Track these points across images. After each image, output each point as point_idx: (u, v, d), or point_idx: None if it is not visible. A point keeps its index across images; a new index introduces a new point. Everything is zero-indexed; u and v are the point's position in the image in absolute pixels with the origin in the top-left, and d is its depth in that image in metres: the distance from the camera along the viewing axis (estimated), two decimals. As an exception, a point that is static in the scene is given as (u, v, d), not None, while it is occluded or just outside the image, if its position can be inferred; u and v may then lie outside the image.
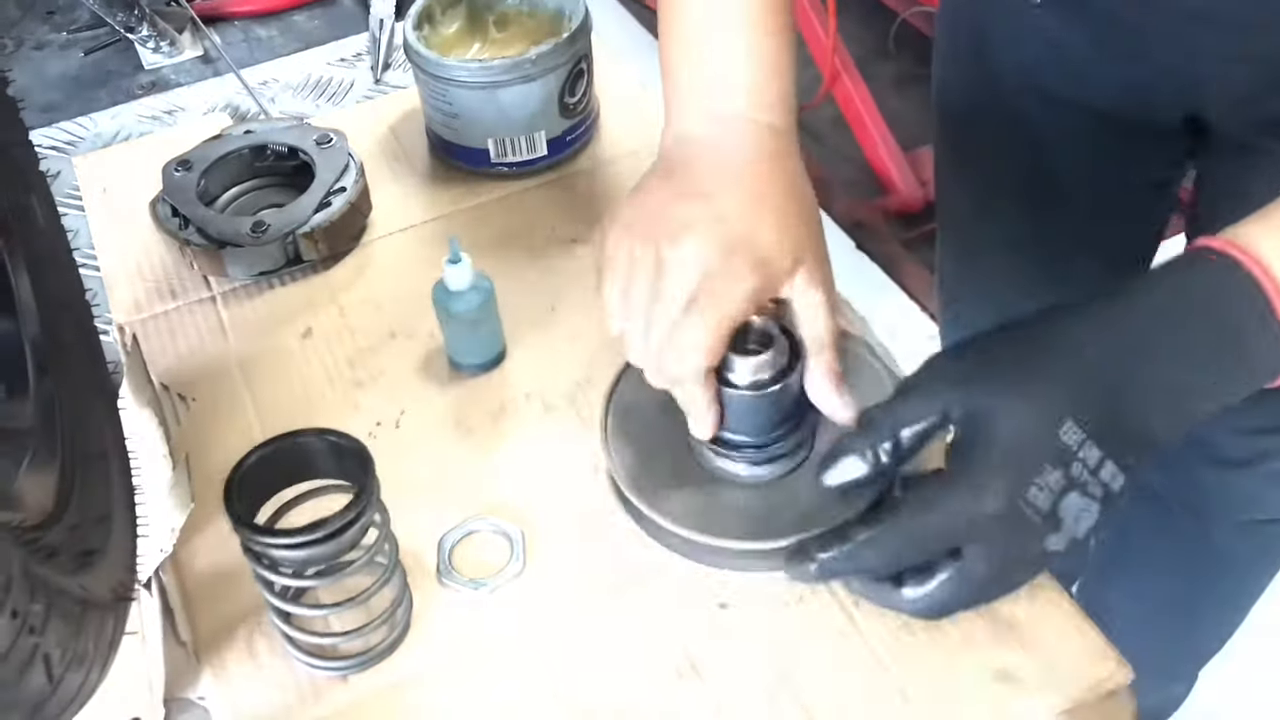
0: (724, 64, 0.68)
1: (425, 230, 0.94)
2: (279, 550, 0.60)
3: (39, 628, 0.48)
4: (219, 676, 0.67)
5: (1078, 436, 0.55)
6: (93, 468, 0.63)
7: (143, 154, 1.01)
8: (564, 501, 0.73)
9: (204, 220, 0.88)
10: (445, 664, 0.67)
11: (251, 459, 0.61)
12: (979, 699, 0.63)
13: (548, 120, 0.95)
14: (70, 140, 1.10)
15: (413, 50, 0.94)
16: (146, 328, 0.87)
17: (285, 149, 0.93)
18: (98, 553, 0.59)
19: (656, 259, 0.63)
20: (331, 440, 0.62)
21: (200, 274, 0.90)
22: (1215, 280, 0.55)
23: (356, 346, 0.85)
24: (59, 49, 1.21)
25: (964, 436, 0.58)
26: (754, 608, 0.67)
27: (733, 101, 0.67)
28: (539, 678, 0.65)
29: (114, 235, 0.95)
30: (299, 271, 0.90)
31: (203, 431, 0.80)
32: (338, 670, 0.66)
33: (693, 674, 0.65)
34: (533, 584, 0.70)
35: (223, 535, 0.72)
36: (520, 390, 0.81)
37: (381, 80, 1.13)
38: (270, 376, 0.83)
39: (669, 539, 0.69)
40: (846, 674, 0.64)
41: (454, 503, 0.73)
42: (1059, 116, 0.90)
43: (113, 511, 0.63)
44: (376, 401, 0.81)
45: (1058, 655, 0.64)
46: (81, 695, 0.54)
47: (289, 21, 1.23)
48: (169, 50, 1.18)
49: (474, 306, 0.78)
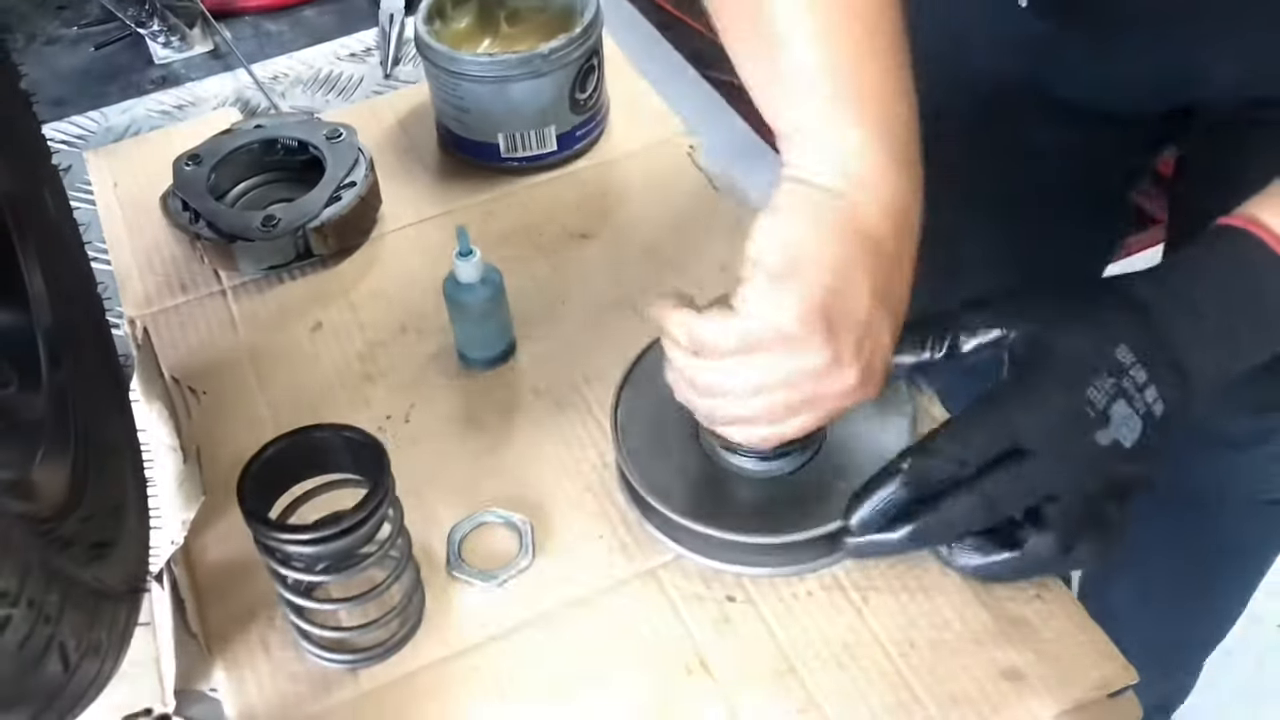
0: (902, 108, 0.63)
1: (435, 225, 0.94)
2: (293, 545, 0.60)
3: (55, 617, 0.49)
4: (230, 668, 0.67)
5: (1130, 358, 0.61)
6: (105, 459, 0.63)
7: (153, 148, 1.01)
8: (573, 495, 0.74)
9: (214, 214, 0.89)
10: (454, 656, 0.67)
11: (266, 454, 0.61)
12: (986, 696, 0.63)
13: (558, 115, 0.95)
14: (81, 134, 1.10)
15: (424, 44, 0.95)
16: (157, 321, 0.88)
17: (295, 143, 0.93)
18: (111, 544, 0.59)
19: (834, 362, 0.60)
20: (347, 436, 0.62)
21: (211, 268, 0.91)
22: (1242, 249, 0.62)
23: (366, 341, 0.85)
24: (70, 44, 1.21)
25: (1022, 354, 0.64)
26: (763, 602, 0.68)
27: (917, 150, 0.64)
28: (548, 671, 0.66)
29: (125, 229, 0.95)
30: (309, 266, 0.90)
31: (213, 425, 0.80)
32: (349, 664, 0.66)
33: (701, 669, 0.65)
34: (542, 577, 0.70)
35: (234, 528, 0.72)
36: (530, 385, 0.81)
37: (391, 75, 1.13)
38: (280, 370, 0.83)
39: (679, 533, 0.69)
40: (855, 669, 0.65)
41: (463, 496, 0.74)
42: (1042, 116, 0.89)
43: (126, 503, 0.64)
44: (386, 395, 0.81)
45: (1064, 655, 0.65)
46: (96, 685, 0.55)
47: (299, 16, 1.22)
48: (179, 45, 1.18)
49: (484, 299, 0.78)
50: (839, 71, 0.61)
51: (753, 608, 0.68)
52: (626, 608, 0.68)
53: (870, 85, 0.61)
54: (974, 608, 0.66)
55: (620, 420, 0.72)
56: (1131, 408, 0.61)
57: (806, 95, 0.61)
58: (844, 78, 0.61)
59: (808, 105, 0.61)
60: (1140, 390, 0.61)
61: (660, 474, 0.70)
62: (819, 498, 0.68)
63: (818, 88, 0.61)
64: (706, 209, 0.94)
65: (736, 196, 0.94)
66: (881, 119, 0.61)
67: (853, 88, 0.61)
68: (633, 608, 0.68)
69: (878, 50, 0.62)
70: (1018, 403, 0.62)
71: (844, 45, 0.61)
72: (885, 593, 0.68)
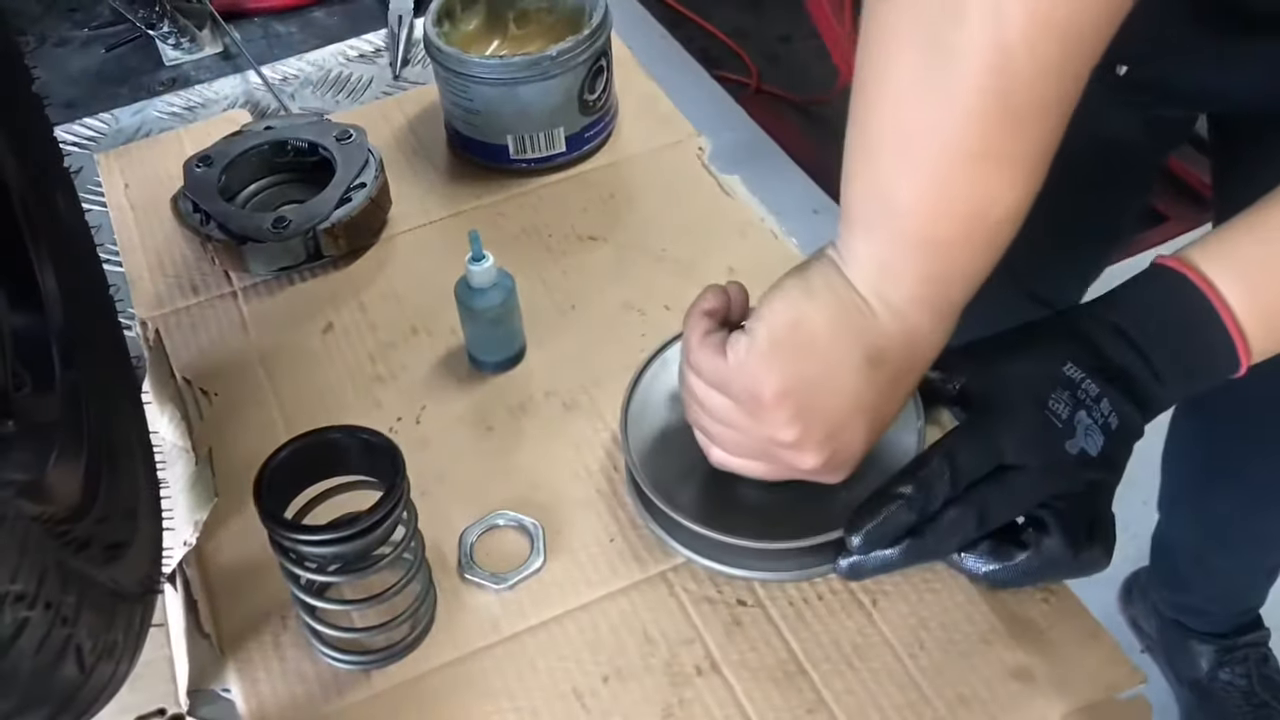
0: (961, 255, 0.59)
1: (445, 226, 0.94)
2: (309, 546, 0.61)
3: (71, 619, 0.49)
4: (242, 669, 0.67)
5: (1078, 373, 0.63)
6: (119, 461, 0.63)
7: (164, 150, 1.01)
8: (584, 498, 0.74)
9: (225, 216, 0.89)
10: (466, 658, 0.67)
11: (282, 454, 0.62)
12: (995, 696, 0.63)
13: (567, 117, 0.95)
14: (92, 136, 1.10)
15: (433, 46, 0.95)
16: (169, 322, 0.88)
17: (305, 145, 0.94)
18: (125, 545, 0.60)
19: (795, 444, 0.62)
20: (363, 438, 0.63)
21: (221, 269, 0.91)
22: (1176, 290, 0.62)
23: (377, 342, 0.85)
24: (80, 46, 1.22)
25: (978, 390, 0.66)
26: (773, 605, 0.68)
27: (960, 296, 0.61)
28: (559, 672, 0.66)
29: (136, 231, 0.95)
30: (320, 267, 0.91)
31: (225, 426, 0.80)
32: (362, 665, 0.66)
33: (712, 671, 0.65)
34: (553, 579, 0.70)
35: (246, 529, 0.72)
36: (540, 388, 0.81)
37: (400, 76, 1.13)
38: (291, 371, 0.84)
39: (688, 537, 0.69)
40: (865, 671, 0.65)
41: (475, 498, 0.74)
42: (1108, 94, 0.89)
43: (139, 504, 0.64)
44: (397, 397, 0.81)
45: (1072, 657, 0.65)
46: (112, 686, 0.55)
47: (308, 18, 1.23)
48: (189, 47, 1.19)
49: (496, 304, 0.78)
50: (934, 215, 0.58)
51: (762, 610, 0.68)
52: (637, 610, 0.68)
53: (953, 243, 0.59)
54: (982, 610, 0.67)
55: (630, 423, 0.73)
56: (1091, 418, 0.62)
57: (891, 214, 0.59)
58: (934, 224, 0.58)
59: (888, 224, 0.59)
60: (1096, 402, 0.62)
61: (670, 478, 0.70)
62: (828, 503, 0.68)
63: (905, 214, 0.58)
64: (715, 210, 0.94)
65: (745, 198, 0.95)
66: (945, 278, 0.60)
67: (939, 241, 0.59)
68: (643, 610, 0.68)
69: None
70: (995, 422, 0.64)
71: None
72: (894, 595, 0.68)
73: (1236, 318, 0.61)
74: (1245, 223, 0.62)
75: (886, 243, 0.59)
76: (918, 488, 0.63)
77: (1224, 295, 0.61)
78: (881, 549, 0.64)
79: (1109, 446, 0.63)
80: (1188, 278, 0.61)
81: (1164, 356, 0.63)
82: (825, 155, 2.13)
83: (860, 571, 0.65)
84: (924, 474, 0.63)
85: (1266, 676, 1.43)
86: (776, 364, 0.60)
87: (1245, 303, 0.61)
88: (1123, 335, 0.63)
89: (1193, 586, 1.38)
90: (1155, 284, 0.63)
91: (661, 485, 0.70)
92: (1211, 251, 0.62)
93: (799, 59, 2.32)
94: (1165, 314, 0.63)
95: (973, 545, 0.64)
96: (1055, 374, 0.63)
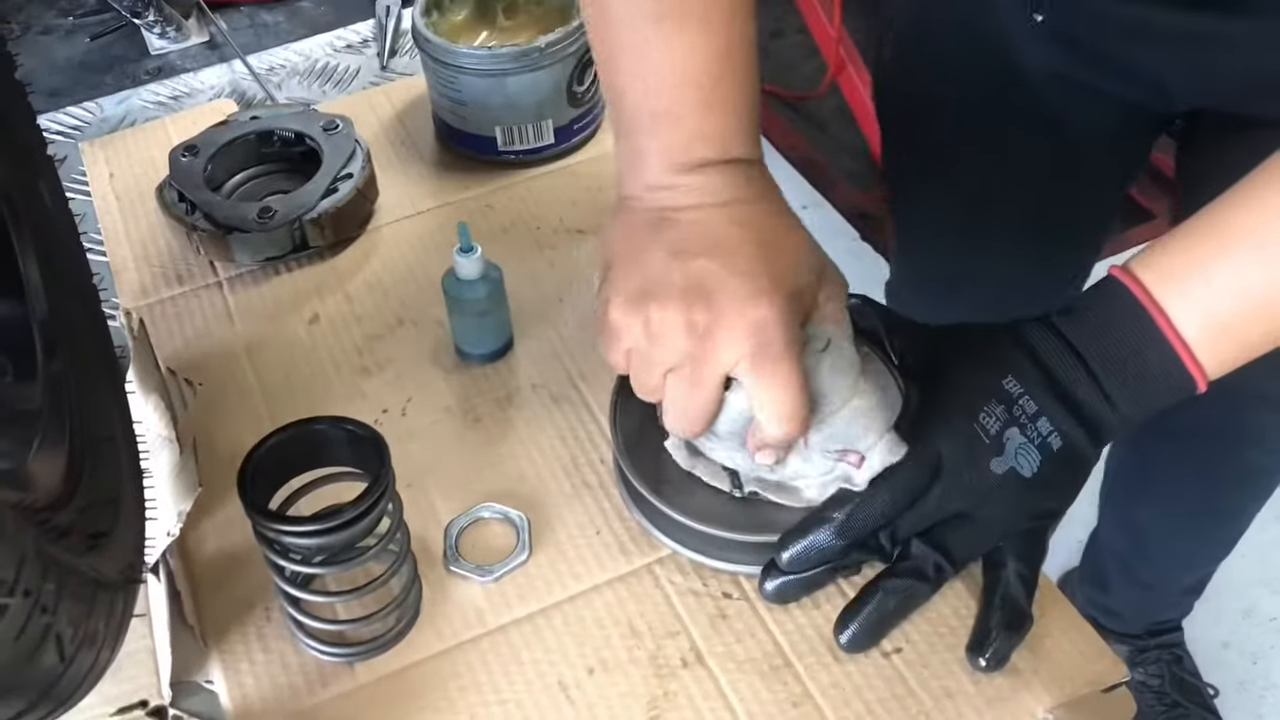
0: (687, 119, 0.63)
1: (432, 217, 0.94)
2: (293, 537, 0.60)
3: (51, 607, 0.49)
4: (226, 660, 0.67)
5: (1017, 389, 0.62)
6: (101, 450, 0.63)
7: (149, 139, 1.01)
8: (570, 490, 0.74)
9: (210, 206, 0.88)
10: (451, 650, 0.67)
11: (267, 445, 0.61)
12: (980, 690, 0.63)
13: (555, 109, 0.95)
14: (77, 125, 1.10)
15: (421, 37, 0.94)
16: (153, 312, 0.87)
17: (292, 135, 0.93)
18: (107, 534, 0.59)
19: (687, 325, 0.60)
20: (348, 429, 0.62)
21: (207, 259, 0.90)
22: (1124, 307, 0.61)
23: (363, 333, 0.85)
24: (65, 34, 1.21)
25: (923, 381, 0.67)
26: (758, 598, 0.68)
27: (702, 152, 0.63)
28: (544, 664, 0.66)
29: (121, 220, 0.95)
30: (305, 258, 0.90)
31: (209, 416, 0.80)
32: (346, 657, 0.66)
33: (697, 663, 0.65)
34: (539, 571, 0.70)
35: (230, 520, 0.72)
36: (527, 379, 0.81)
37: (388, 67, 1.13)
38: (277, 362, 0.83)
39: (674, 529, 0.69)
40: (849, 664, 0.65)
41: (461, 490, 0.74)
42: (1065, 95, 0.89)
43: (121, 494, 0.63)
44: (383, 388, 0.81)
45: (1056, 651, 0.65)
46: (92, 675, 0.55)
47: (295, 7, 1.22)
48: (175, 36, 1.18)
49: (484, 296, 0.78)
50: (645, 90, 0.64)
51: (748, 603, 0.68)
52: (622, 603, 0.68)
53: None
54: (968, 604, 0.67)
55: (617, 416, 0.72)
56: (1025, 436, 0.61)
57: (620, 109, 0.65)
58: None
59: (619, 119, 0.65)
60: (1033, 420, 0.61)
61: (657, 470, 0.70)
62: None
63: (627, 99, 0.65)
64: (704, 204, 0.93)
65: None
66: (683, 144, 0.64)
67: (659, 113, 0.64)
68: (629, 603, 0.68)
69: None
70: (932, 431, 0.64)
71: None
72: (881, 588, 0.68)
73: (1181, 334, 0.59)
74: (1194, 228, 0.60)
75: (626, 136, 0.65)
76: (847, 519, 0.64)
77: (1169, 312, 0.59)
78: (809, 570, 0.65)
79: (1048, 468, 0.61)
80: (1134, 296, 0.60)
81: (1114, 377, 0.61)
82: (814, 151, 2.13)
83: (785, 596, 0.66)
84: (855, 504, 0.64)
85: (1179, 677, 1.44)
86: (610, 285, 0.63)
87: (1194, 319, 0.59)
88: (1072, 351, 0.62)
89: (1113, 589, 1.40)
90: (1105, 299, 0.62)
91: (650, 477, 0.70)
92: (1156, 264, 0.60)
93: (788, 55, 2.32)
94: (1113, 333, 0.61)
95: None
96: (992, 387, 0.63)
